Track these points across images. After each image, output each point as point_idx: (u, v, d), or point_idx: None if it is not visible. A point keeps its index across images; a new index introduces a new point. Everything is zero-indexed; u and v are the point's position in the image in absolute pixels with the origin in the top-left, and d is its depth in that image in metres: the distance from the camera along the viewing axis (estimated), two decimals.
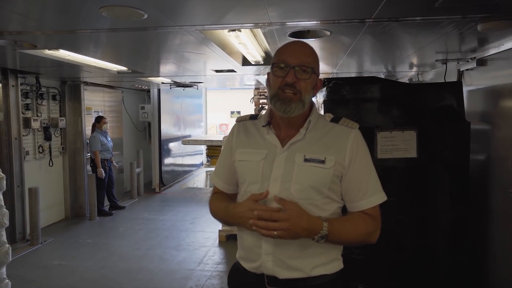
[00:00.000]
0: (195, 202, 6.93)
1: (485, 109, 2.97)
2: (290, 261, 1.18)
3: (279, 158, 1.21)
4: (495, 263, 2.78)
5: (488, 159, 2.86)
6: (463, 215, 2.81)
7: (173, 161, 8.48)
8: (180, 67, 4.08)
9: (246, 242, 1.26)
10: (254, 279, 1.23)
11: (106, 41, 2.75)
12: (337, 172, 1.19)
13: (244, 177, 1.27)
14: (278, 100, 1.17)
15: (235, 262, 1.36)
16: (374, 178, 1.24)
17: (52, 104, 5.36)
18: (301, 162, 1.19)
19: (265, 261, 1.20)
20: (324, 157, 1.18)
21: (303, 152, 1.20)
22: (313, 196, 1.18)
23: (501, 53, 2.75)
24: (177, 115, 8.77)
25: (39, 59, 3.47)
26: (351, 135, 1.22)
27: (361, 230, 1.20)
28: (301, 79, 1.16)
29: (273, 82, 1.20)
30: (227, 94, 17.89)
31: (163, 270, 3.76)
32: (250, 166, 1.24)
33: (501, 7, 1.80)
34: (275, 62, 1.20)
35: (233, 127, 1.40)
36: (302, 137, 1.21)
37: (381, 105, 2.85)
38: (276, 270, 1.19)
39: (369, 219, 1.21)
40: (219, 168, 1.40)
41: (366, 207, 1.21)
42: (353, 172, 1.20)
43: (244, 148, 1.29)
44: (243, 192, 1.28)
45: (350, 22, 2.01)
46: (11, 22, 2.11)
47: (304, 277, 1.19)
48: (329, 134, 1.23)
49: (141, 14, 1.88)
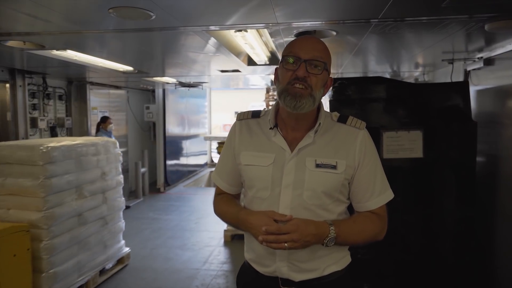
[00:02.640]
0: (199, 202, 6.95)
1: (492, 109, 2.95)
2: (304, 265, 1.19)
3: (289, 164, 1.17)
4: (501, 264, 2.77)
5: (495, 159, 2.84)
6: (469, 215, 2.79)
7: (177, 161, 8.51)
8: (186, 67, 4.10)
9: (258, 249, 1.23)
10: (266, 280, 1.23)
11: (113, 41, 2.77)
12: (347, 175, 1.18)
13: (252, 183, 1.23)
14: (288, 95, 1.12)
15: (244, 262, 1.35)
16: (381, 178, 1.22)
17: (58, 104, 5.40)
18: (313, 168, 1.16)
19: (280, 267, 1.20)
20: (335, 161, 1.16)
21: (314, 156, 1.17)
22: (325, 201, 1.17)
23: (509, 52, 2.73)
24: (181, 115, 8.79)
25: (46, 60, 3.51)
26: (359, 137, 1.20)
27: (369, 231, 1.20)
28: (312, 74, 1.11)
29: (282, 76, 1.15)
30: (231, 94, 17.91)
31: (168, 269, 3.78)
32: (259, 172, 1.20)
33: (507, 7, 1.79)
34: (285, 55, 1.14)
35: (233, 125, 1.32)
36: (311, 140, 1.18)
37: (387, 105, 2.84)
38: (291, 274, 1.19)
39: (376, 219, 1.20)
40: (221, 168, 1.35)
41: (373, 207, 1.20)
42: (361, 175, 1.19)
43: (250, 151, 1.24)
44: (251, 197, 1.24)
45: (358, 22, 2.01)
46: (19, 23, 2.14)
47: (318, 276, 1.20)
48: (337, 136, 1.21)
49: (149, 15, 1.89)
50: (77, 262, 3.09)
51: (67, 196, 3.00)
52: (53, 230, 2.83)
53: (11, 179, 2.84)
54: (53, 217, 2.83)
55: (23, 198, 2.81)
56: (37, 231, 2.74)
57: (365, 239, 1.19)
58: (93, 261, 3.30)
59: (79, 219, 3.13)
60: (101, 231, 3.42)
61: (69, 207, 3.00)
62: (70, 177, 3.03)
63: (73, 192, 3.07)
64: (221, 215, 1.34)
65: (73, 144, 3.12)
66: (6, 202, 2.84)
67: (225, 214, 1.32)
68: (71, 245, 3.04)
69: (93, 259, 3.31)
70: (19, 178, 2.82)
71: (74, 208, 3.05)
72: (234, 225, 1.31)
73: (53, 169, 2.85)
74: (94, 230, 3.32)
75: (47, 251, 2.79)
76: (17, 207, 2.82)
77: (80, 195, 3.14)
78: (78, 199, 3.12)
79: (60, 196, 2.92)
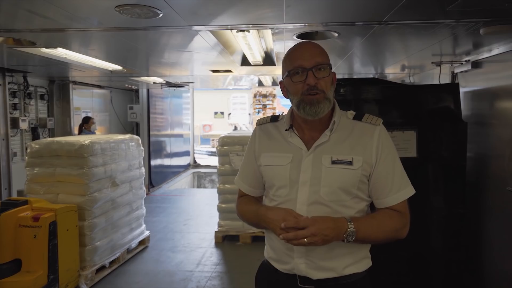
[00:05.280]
0: (186, 203, 6.88)
1: (480, 109, 3.08)
2: (323, 263, 1.19)
3: (306, 161, 1.21)
4: (491, 259, 2.89)
5: (484, 158, 2.96)
6: (460, 212, 2.91)
7: (161, 162, 8.38)
8: (178, 67, 4.05)
9: (277, 245, 1.25)
10: (285, 278, 1.24)
11: (109, 40, 2.70)
12: (365, 171, 1.19)
13: (272, 182, 1.27)
14: (307, 104, 1.16)
15: (263, 261, 1.36)
16: (400, 174, 1.23)
17: (40, 104, 5.21)
18: (329, 165, 1.18)
19: (298, 264, 1.20)
20: (351, 157, 1.18)
21: (330, 153, 1.19)
22: (342, 198, 1.19)
23: (496, 56, 2.86)
24: (165, 116, 8.67)
25: (27, 57, 3.37)
26: (376, 132, 1.21)
27: (389, 227, 1.20)
28: (321, 78, 1.16)
29: (293, 90, 1.19)
30: (211, 94, 17.80)
31: (161, 272, 3.72)
32: (277, 171, 1.24)
33: (504, 12, 1.88)
34: (290, 70, 1.19)
35: (254, 130, 1.40)
36: (327, 139, 1.21)
37: (382, 105, 2.91)
38: (309, 272, 1.20)
39: (396, 215, 1.21)
40: (243, 172, 1.40)
41: (393, 203, 1.21)
42: (379, 170, 1.20)
43: (269, 152, 1.29)
44: (271, 196, 1.28)
45: (366, 24, 2.05)
46: (17, 19, 2.05)
47: (336, 276, 1.20)
48: (353, 133, 1.22)
49: (157, 13, 1.86)
50: (110, 240, 3.65)
51: (104, 183, 3.55)
52: (94, 211, 3.40)
53: (60, 169, 3.38)
54: (95, 200, 3.39)
55: (70, 185, 3.36)
56: (82, 211, 3.32)
57: (386, 235, 1.20)
58: (122, 240, 3.88)
59: (112, 204, 3.69)
60: (128, 215, 4.01)
61: (105, 193, 3.56)
62: (106, 168, 3.57)
63: (108, 181, 3.62)
64: (242, 215, 1.37)
65: (108, 139, 3.73)
66: (56, 188, 3.39)
67: (246, 213, 1.35)
68: (107, 225, 3.60)
69: (122, 238, 3.89)
70: (67, 168, 3.35)
71: (108, 193, 3.61)
72: (255, 223, 1.33)
73: (94, 161, 3.41)
74: (123, 213, 3.91)
75: (90, 228, 3.36)
76: (65, 192, 3.38)
77: (113, 183, 3.70)
78: (112, 186, 3.68)
79: (99, 183, 3.47)
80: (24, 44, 2.69)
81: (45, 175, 3.40)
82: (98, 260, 3.46)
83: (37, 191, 3.40)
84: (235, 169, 4.41)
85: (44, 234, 2.91)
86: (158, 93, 7.89)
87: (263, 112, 13.02)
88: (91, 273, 3.34)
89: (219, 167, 4.56)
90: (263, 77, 5.39)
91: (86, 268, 3.33)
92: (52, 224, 2.95)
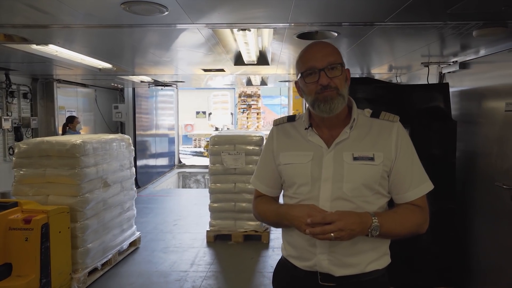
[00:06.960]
0: (173, 204, 6.81)
1: (468, 108, 3.20)
2: (346, 259, 1.20)
3: (327, 158, 1.22)
4: (479, 252, 3.01)
5: (473, 155, 3.08)
6: (449, 207, 3.02)
7: (146, 162, 8.26)
8: (170, 65, 4.00)
9: (298, 242, 1.26)
10: (304, 276, 1.25)
11: (104, 37, 2.65)
12: (386, 167, 1.22)
13: (292, 180, 1.27)
14: (321, 102, 1.19)
15: (281, 259, 1.36)
16: (418, 168, 1.25)
17: (23, 102, 5.04)
18: (350, 161, 1.20)
19: (321, 260, 1.21)
20: (372, 154, 1.21)
21: (350, 150, 1.21)
22: (365, 193, 1.20)
23: (483, 57, 2.99)
24: (150, 115, 8.55)
25: (9, 53, 3.25)
26: (394, 129, 1.24)
27: (411, 221, 1.22)
28: (334, 77, 1.18)
29: (307, 90, 1.22)
30: (192, 94, 17.61)
31: (156, 273, 3.67)
32: (299, 169, 1.25)
33: (498, 15, 1.97)
34: (303, 71, 1.21)
35: (271, 130, 1.40)
36: (347, 136, 1.23)
37: (374, 105, 2.98)
38: (331, 269, 1.20)
39: (417, 210, 1.23)
40: (260, 172, 1.40)
41: (412, 198, 1.23)
42: (399, 165, 1.23)
43: (288, 151, 1.29)
44: (291, 194, 1.28)
45: (366, 24, 2.10)
46: (16, 14, 1.99)
47: (358, 273, 1.21)
48: (372, 130, 1.25)
49: (162, 10, 1.84)
50: (102, 241, 3.58)
51: (96, 184, 3.48)
52: (86, 212, 3.32)
53: (50, 169, 3.28)
54: (87, 201, 3.31)
55: (61, 186, 3.26)
56: (74, 213, 3.23)
57: (409, 230, 1.22)
58: (113, 241, 3.81)
59: (104, 204, 3.61)
60: (119, 216, 3.94)
61: (97, 193, 3.48)
62: (98, 168, 3.50)
63: (99, 181, 3.54)
64: (260, 215, 1.37)
65: (99, 139, 3.65)
66: (46, 189, 3.29)
67: (265, 213, 1.35)
68: (98, 227, 3.52)
69: (114, 240, 3.81)
70: (58, 168, 3.25)
71: (100, 194, 3.53)
72: (274, 222, 1.34)
73: (86, 161, 3.33)
74: (114, 214, 3.82)
75: (82, 230, 3.29)
76: (56, 193, 3.28)
77: (105, 184, 3.63)
78: (103, 187, 3.60)
79: (91, 184, 3.40)
80: (15, 40, 2.60)
81: (35, 176, 3.28)
82: (90, 263, 3.39)
83: (25, 193, 3.29)
84: (226, 168, 4.41)
85: (36, 237, 2.83)
86: (143, 92, 7.77)
87: (247, 112, 13.04)
88: (83, 276, 3.27)
89: (210, 166, 4.54)
90: (253, 76, 5.40)
91: (78, 270, 3.25)
92: (45, 226, 2.87)
